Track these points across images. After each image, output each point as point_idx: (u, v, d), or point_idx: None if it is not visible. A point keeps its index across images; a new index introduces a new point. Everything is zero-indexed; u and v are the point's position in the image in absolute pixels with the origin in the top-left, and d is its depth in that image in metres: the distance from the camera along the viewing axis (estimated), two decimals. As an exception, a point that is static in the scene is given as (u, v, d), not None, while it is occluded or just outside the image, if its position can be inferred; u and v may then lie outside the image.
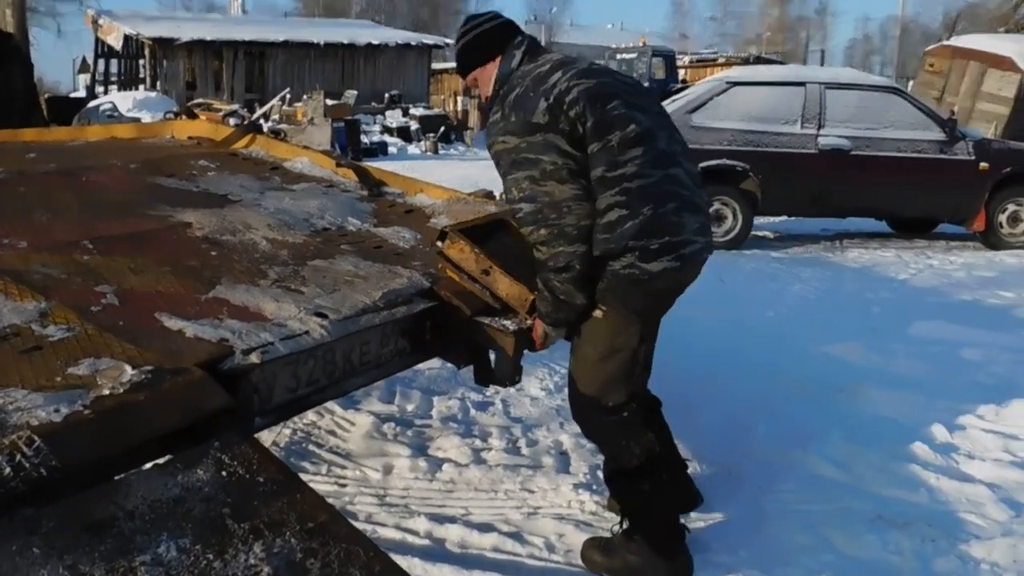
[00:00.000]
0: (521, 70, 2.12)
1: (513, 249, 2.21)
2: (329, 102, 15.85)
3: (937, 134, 7.01)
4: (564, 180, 1.97)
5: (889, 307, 5.17)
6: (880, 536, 2.42)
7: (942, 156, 6.99)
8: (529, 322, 2.12)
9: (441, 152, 17.40)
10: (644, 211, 1.99)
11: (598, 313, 2.08)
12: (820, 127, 6.97)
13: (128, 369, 1.45)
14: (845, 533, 2.44)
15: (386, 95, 22.35)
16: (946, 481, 2.76)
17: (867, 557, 2.34)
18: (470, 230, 2.23)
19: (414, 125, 18.88)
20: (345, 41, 23.31)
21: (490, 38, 2.18)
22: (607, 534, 2.36)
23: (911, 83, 14.71)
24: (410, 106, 21.03)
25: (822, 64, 34.67)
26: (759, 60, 26.22)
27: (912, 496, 2.68)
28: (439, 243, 2.19)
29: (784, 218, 8.28)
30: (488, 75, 2.18)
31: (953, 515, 2.57)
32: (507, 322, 2.12)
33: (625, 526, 2.26)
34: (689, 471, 2.71)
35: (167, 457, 1.32)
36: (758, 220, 7.52)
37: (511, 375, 2.17)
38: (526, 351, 2.23)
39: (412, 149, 17.65)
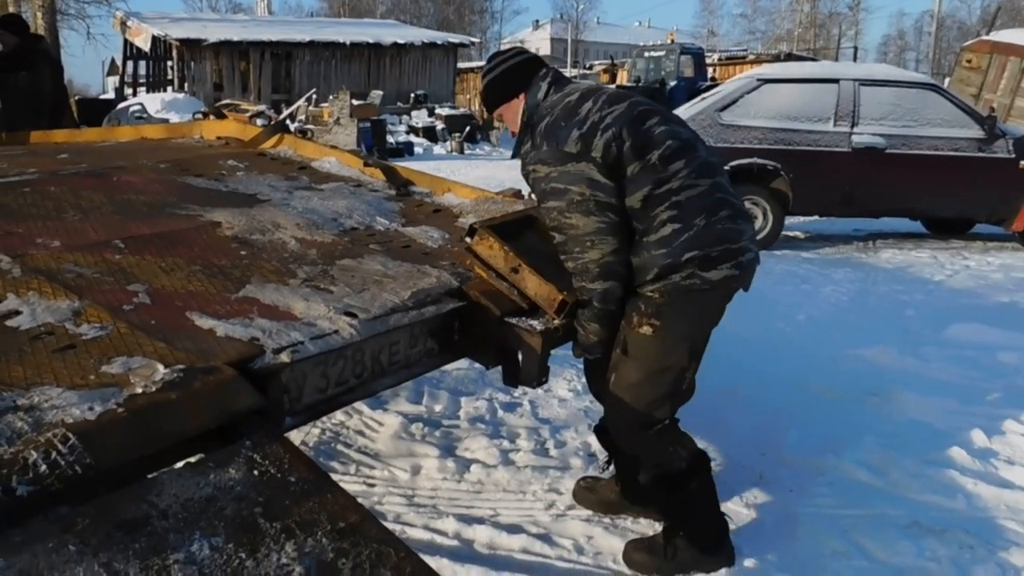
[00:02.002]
0: (549, 100, 2.14)
1: (542, 246, 2.18)
2: (355, 102, 15.91)
3: (976, 132, 6.85)
4: (590, 212, 1.97)
5: (924, 309, 5.07)
6: (915, 543, 2.37)
7: (981, 154, 6.84)
8: (557, 322, 2.10)
9: (467, 152, 17.42)
10: (697, 222, 1.98)
11: (647, 330, 2.03)
12: (854, 125, 6.85)
13: (160, 368, 1.46)
14: (879, 539, 2.39)
15: (412, 95, 22.43)
16: (984, 487, 2.70)
17: (902, 564, 2.29)
18: (499, 226, 2.21)
19: (440, 125, 18.91)
20: (371, 41, 23.41)
21: (514, 74, 2.21)
22: (635, 535, 2.34)
23: (947, 80, 14.45)
24: (436, 106, 21.08)
25: (855, 61, 34.13)
26: (790, 57, 25.88)
27: (949, 502, 2.62)
28: (468, 239, 2.17)
29: (815, 218, 8.17)
30: (514, 110, 2.22)
31: (992, 522, 2.52)
32: (534, 322, 2.09)
33: (667, 526, 2.24)
34: (719, 475, 2.68)
35: (198, 456, 1.32)
36: (789, 220, 7.42)
37: (538, 376, 2.13)
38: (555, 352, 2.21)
39: (438, 149, 17.69)
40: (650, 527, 2.40)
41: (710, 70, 24.33)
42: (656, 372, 2.06)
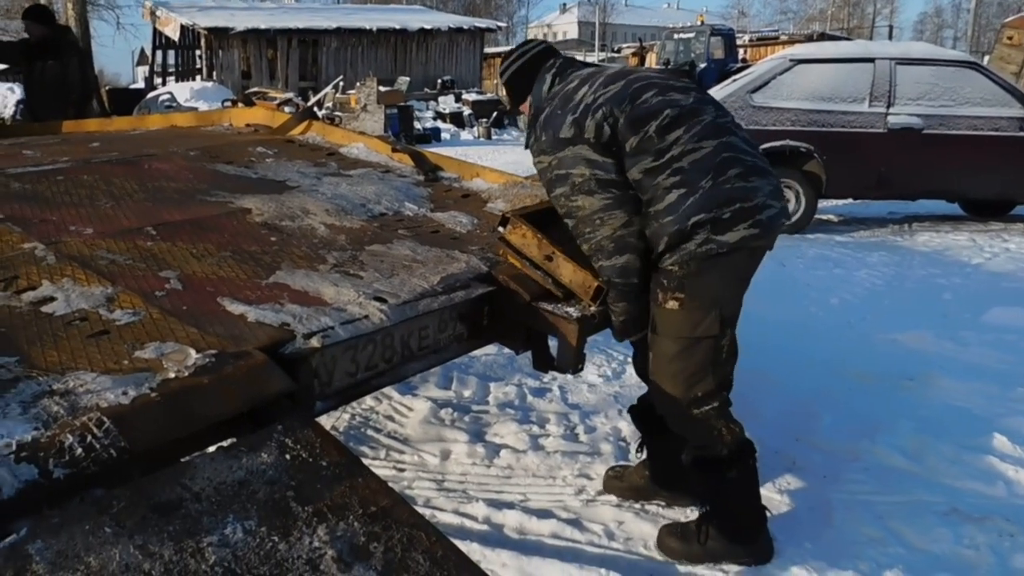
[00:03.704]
0: (552, 92, 2.18)
1: None
2: (382, 89, 15.93)
3: (1017, 111, 6.66)
4: (593, 192, 1.98)
5: (962, 293, 4.96)
6: (953, 530, 2.33)
7: (1022, 134, 6.66)
8: (593, 309, 2.07)
9: (494, 137, 17.38)
10: (703, 184, 1.93)
11: (673, 304, 2.00)
12: (890, 105, 6.69)
13: (193, 353, 1.47)
14: (916, 526, 2.35)
15: (439, 81, 22.41)
16: (1025, 474, 2.64)
17: (939, 551, 2.25)
18: (532, 215, 2.19)
19: (467, 111, 18.88)
20: (397, 27, 23.39)
21: (523, 74, 2.27)
22: (666, 520, 2.32)
23: (987, 58, 14.05)
24: (463, 91, 21.04)
25: (890, 40, 33.33)
26: (823, 37, 25.37)
27: (988, 489, 2.57)
28: (500, 228, 2.16)
29: (849, 201, 8.01)
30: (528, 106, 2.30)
31: (1033, 510, 2.46)
32: (570, 309, 2.07)
33: (702, 511, 2.21)
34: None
35: (231, 440, 1.33)
36: (822, 203, 7.29)
37: (574, 363, 2.10)
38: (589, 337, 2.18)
39: (465, 135, 17.67)
40: (681, 513, 2.39)
41: (741, 52, 23.97)
42: (690, 344, 2.02)
